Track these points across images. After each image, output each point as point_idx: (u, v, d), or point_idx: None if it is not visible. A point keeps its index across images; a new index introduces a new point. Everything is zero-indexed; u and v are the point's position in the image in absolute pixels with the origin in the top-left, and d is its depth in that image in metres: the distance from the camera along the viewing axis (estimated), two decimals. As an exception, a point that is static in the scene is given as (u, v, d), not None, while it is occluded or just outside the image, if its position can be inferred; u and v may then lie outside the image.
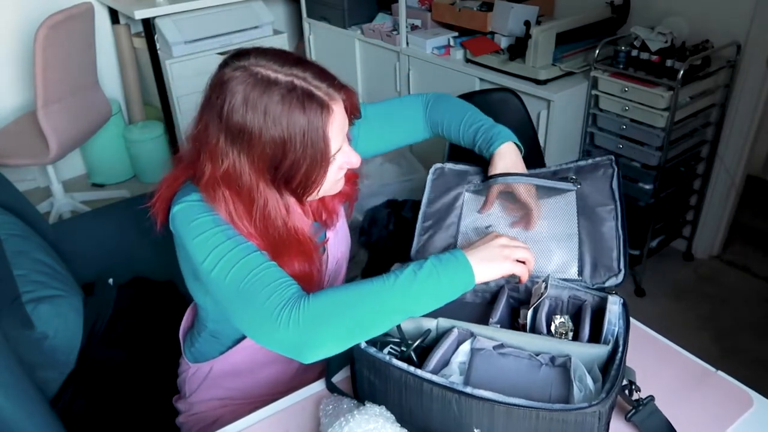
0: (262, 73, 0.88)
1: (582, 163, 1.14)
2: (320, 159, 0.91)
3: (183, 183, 0.98)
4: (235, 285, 0.87)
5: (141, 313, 1.51)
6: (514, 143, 1.12)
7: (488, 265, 0.89)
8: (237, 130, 0.88)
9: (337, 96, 0.91)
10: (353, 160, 0.98)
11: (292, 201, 0.98)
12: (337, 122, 0.91)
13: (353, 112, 0.98)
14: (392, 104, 1.23)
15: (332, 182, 0.98)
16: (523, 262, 0.93)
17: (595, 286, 1.02)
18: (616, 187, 1.08)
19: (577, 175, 1.12)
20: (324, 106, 0.89)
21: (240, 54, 0.91)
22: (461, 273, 0.88)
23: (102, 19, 3.22)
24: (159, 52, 3.08)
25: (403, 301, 0.86)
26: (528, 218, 1.09)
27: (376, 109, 1.20)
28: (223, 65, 0.91)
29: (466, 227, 1.14)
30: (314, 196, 0.98)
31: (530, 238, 1.07)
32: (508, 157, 1.10)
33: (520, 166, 1.11)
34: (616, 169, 1.10)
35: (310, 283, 1.00)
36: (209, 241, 0.90)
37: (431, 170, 1.21)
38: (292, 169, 0.90)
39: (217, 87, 0.89)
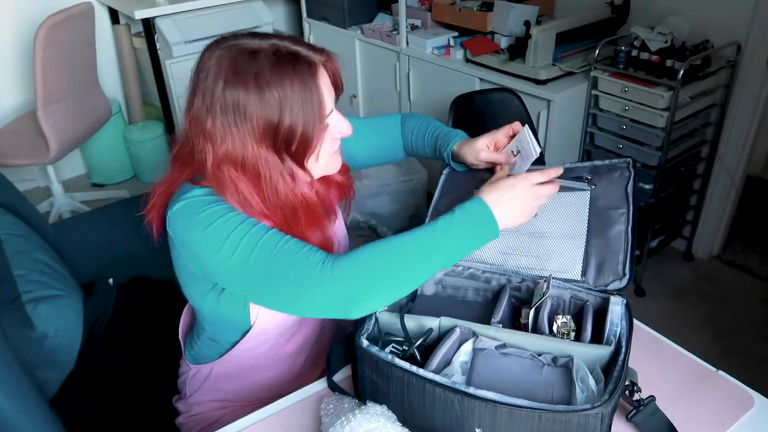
0: (243, 45, 0.91)
1: (598, 163, 1.14)
2: (317, 114, 0.92)
3: (179, 186, 0.97)
4: (263, 262, 0.87)
5: (141, 313, 1.51)
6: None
7: (515, 214, 0.94)
8: (231, 102, 0.89)
9: (318, 57, 0.94)
10: (344, 128, 0.99)
11: (297, 171, 0.98)
12: (325, 80, 0.94)
13: (336, 81, 0.99)
14: (375, 122, 1.28)
15: (329, 155, 0.99)
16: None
17: (597, 288, 1.02)
18: (630, 190, 1.08)
19: (592, 175, 1.12)
20: (311, 63, 0.92)
21: (217, 40, 0.94)
22: (485, 226, 0.92)
23: (102, 19, 3.22)
24: (159, 52, 3.08)
25: (438, 250, 0.89)
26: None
27: (360, 124, 1.24)
28: (203, 53, 0.94)
29: None
30: (316, 167, 0.98)
31: (537, 233, 1.07)
32: (468, 151, 1.17)
33: (473, 144, 1.17)
34: (632, 172, 1.10)
35: (328, 246, 1.01)
36: (223, 227, 0.89)
37: (444, 171, 1.24)
38: (291, 129, 0.90)
39: (203, 70, 0.91)
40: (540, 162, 1.23)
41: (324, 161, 0.99)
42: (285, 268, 0.87)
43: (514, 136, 1.15)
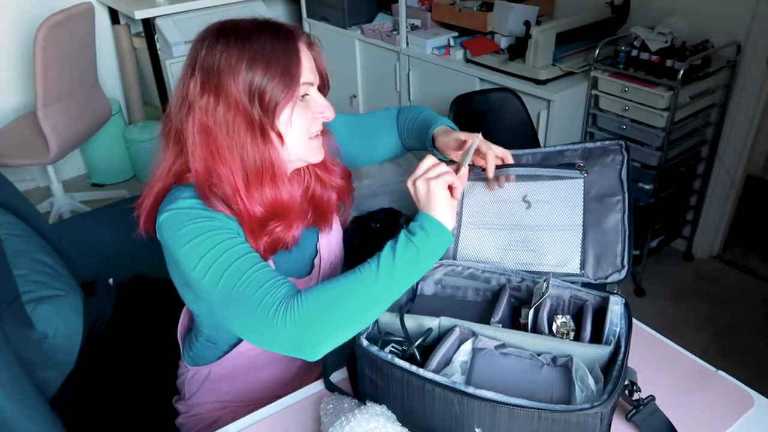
0: (227, 20, 0.95)
1: (590, 145, 1.10)
2: (292, 73, 0.92)
3: (167, 190, 0.97)
4: (228, 291, 0.87)
5: (141, 312, 1.50)
6: (449, 127, 1.16)
7: (441, 208, 0.90)
8: (212, 56, 0.91)
9: (301, 34, 0.96)
10: (326, 109, 0.99)
11: (270, 133, 0.96)
12: (306, 54, 0.95)
13: (320, 69, 1.00)
14: (373, 117, 1.26)
15: (306, 132, 0.97)
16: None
17: (597, 281, 1.02)
18: (625, 176, 1.06)
19: (585, 159, 1.09)
20: (294, 34, 0.94)
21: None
22: (434, 235, 0.88)
23: (102, 19, 3.22)
24: (159, 52, 3.08)
25: (390, 282, 0.86)
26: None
27: (355, 121, 1.22)
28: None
29: (468, 208, 1.13)
30: (291, 137, 0.96)
31: (534, 226, 1.07)
32: (443, 132, 1.13)
33: (455, 135, 1.11)
34: (626, 156, 1.07)
35: (287, 212, 0.99)
36: (198, 247, 0.89)
37: None
38: (263, 83, 0.91)
39: (191, 48, 0.95)
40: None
41: (302, 137, 0.97)
42: (243, 306, 0.86)
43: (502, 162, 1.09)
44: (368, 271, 0.86)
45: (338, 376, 1.04)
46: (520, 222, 1.08)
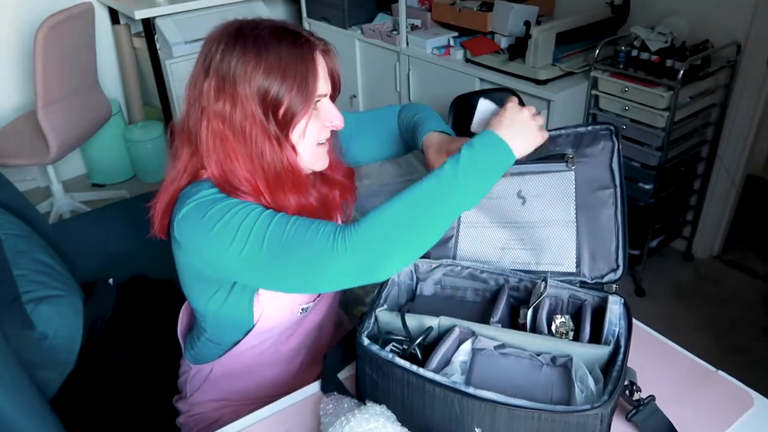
0: (249, 18, 0.95)
1: (582, 129, 1.07)
2: (308, 86, 0.92)
3: (183, 188, 0.97)
4: (276, 246, 0.86)
5: (141, 313, 1.51)
6: (438, 131, 1.12)
7: (525, 140, 0.90)
8: (228, 61, 0.90)
9: (318, 42, 0.96)
10: (335, 118, 0.99)
11: (284, 141, 0.97)
12: (321, 63, 0.95)
13: (333, 76, 0.99)
14: (376, 114, 1.25)
15: (316, 140, 0.98)
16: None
17: (593, 281, 1.02)
18: (616, 166, 1.03)
19: (576, 146, 1.06)
20: (311, 43, 0.94)
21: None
22: (499, 154, 0.88)
23: (102, 19, 3.22)
24: (159, 52, 3.08)
25: (450, 198, 0.86)
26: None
27: (358, 118, 1.23)
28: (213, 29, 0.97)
29: None
30: (302, 146, 0.96)
31: (529, 222, 1.07)
32: (433, 142, 1.10)
33: (446, 140, 1.09)
34: (616, 143, 1.04)
35: (314, 214, 0.99)
36: (230, 223, 0.89)
37: None
38: (280, 94, 0.91)
39: (209, 39, 0.94)
40: None
41: (311, 145, 0.98)
42: (298, 249, 0.86)
43: None
44: (437, 181, 0.86)
45: (340, 375, 1.04)
46: (516, 219, 1.08)
